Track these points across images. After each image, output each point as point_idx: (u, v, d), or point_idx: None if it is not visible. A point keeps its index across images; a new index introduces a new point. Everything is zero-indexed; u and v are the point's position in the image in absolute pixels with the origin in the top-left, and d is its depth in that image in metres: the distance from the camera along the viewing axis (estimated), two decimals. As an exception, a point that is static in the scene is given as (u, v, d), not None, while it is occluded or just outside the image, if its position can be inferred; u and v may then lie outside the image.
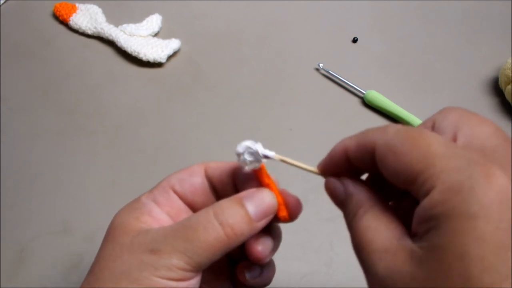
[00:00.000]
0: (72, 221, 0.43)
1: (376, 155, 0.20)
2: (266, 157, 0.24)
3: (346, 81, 0.50)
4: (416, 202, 0.18)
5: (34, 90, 0.52)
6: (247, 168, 0.24)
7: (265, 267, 0.27)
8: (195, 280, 0.23)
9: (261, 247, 0.25)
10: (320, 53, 0.54)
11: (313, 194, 0.43)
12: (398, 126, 0.20)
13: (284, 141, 0.47)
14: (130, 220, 0.25)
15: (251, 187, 0.25)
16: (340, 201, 0.23)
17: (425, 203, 0.17)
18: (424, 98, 0.50)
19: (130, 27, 0.55)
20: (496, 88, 0.50)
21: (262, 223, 0.24)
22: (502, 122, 0.48)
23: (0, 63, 0.55)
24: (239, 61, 0.54)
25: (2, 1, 0.61)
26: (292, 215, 0.26)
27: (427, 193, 0.17)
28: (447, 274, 0.16)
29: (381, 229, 0.19)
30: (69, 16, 0.57)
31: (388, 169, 0.19)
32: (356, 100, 0.50)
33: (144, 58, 0.52)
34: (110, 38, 0.54)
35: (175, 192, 0.26)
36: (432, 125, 0.22)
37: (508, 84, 0.47)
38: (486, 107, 0.49)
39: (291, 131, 0.48)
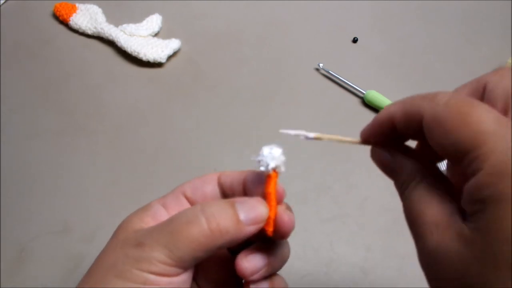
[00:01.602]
0: (72, 221, 0.43)
1: (424, 126, 0.19)
2: (305, 137, 0.24)
3: (346, 81, 0.50)
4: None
5: (34, 90, 0.52)
6: (262, 169, 0.24)
7: (274, 283, 0.26)
8: (180, 279, 0.22)
9: (247, 264, 0.24)
10: (320, 53, 0.54)
11: (313, 194, 0.43)
12: (448, 96, 0.19)
13: (284, 141, 0.47)
14: (134, 220, 0.25)
15: (258, 196, 0.24)
16: (390, 170, 0.22)
17: (472, 183, 0.17)
18: (424, 98, 0.50)
19: (130, 27, 0.55)
20: (496, 88, 0.50)
21: (250, 228, 0.23)
22: (502, 122, 0.48)
23: (0, 63, 0.55)
24: (239, 61, 0.54)
25: (2, 1, 0.61)
26: (279, 234, 0.24)
27: (474, 173, 0.17)
28: (493, 258, 0.16)
29: (434, 202, 0.19)
30: (69, 16, 0.57)
31: (436, 143, 0.19)
32: (356, 100, 0.50)
33: (144, 58, 0.52)
34: (110, 38, 0.54)
35: (186, 198, 0.26)
36: (484, 87, 0.21)
37: (508, 84, 0.47)
38: (486, 107, 0.49)
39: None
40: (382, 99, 0.48)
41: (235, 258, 0.24)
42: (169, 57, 0.54)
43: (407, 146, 0.23)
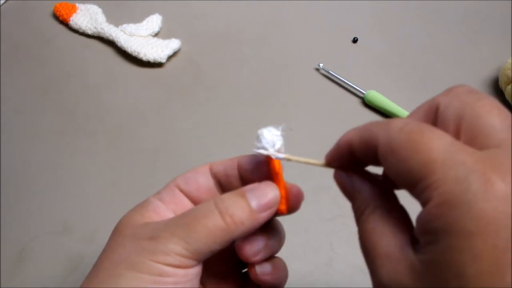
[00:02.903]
0: (72, 221, 0.43)
1: (379, 154, 0.19)
2: (276, 157, 0.25)
3: (346, 81, 0.50)
4: None
5: (34, 90, 0.52)
6: (266, 152, 0.25)
7: (275, 264, 0.27)
8: (195, 270, 0.23)
9: (248, 246, 0.24)
10: (320, 53, 0.54)
11: (313, 194, 0.43)
12: (402, 123, 0.19)
13: (284, 141, 0.47)
14: (135, 216, 0.25)
15: (257, 180, 0.25)
16: (349, 194, 0.23)
17: (423, 214, 0.17)
18: (424, 98, 0.50)
19: (130, 27, 0.55)
20: (496, 88, 0.50)
21: (264, 215, 0.23)
22: (502, 122, 0.48)
23: (0, 63, 0.55)
24: (239, 61, 0.54)
25: (2, 1, 0.61)
26: (291, 208, 0.26)
27: (425, 203, 0.17)
28: None
29: (386, 233, 0.19)
30: (69, 16, 0.57)
31: (391, 170, 0.19)
32: (356, 100, 0.50)
33: (144, 58, 0.52)
34: (110, 38, 0.54)
35: (181, 190, 0.26)
36: (436, 109, 0.21)
37: (508, 84, 0.47)
38: (486, 107, 0.49)
39: (291, 131, 0.48)
40: (382, 99, 0.48)
41: (233, 246, 0.25)
42: (169, 57, 0.54)
43: (369, 172, 0.23)
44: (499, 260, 0.15)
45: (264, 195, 0.24)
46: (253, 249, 0.24)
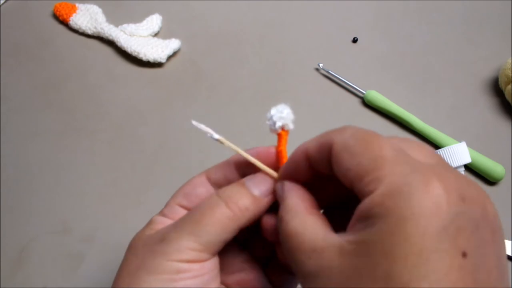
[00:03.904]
0: (72, 221, 0.43)
1: (332, 153, 0.21)
2: (211, 136, 0.26)
3: (346, 81, 0.50)
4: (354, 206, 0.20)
5: (34, 90, 0.52)
6: (272, 128, 0.26)
7: None
8: (210, 264, 0.23)
9: (269, 219, 0.25)
10: (320, 53, 0.54)
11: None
12: (355, 128, 0.21)
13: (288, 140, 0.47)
14: (143, 231, 0.26)
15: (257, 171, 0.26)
16: (279, 199, 0.24)
17: (366, 202, 0.18)
18: (424, 98, 0.50)
19: (130, 27, 0.55)
20: (496, 88, 0.50)
21: (267, 199, 0.24)
22: (502, 122, 0.48)
23: (0, 63, 0.55)
24: (239, 61, 0.54)
25: (2, 1, 0.61)
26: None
27: (370, 193, 0.18)
28: (372, 269, 0.17)
29: (307, 233, 0.20)
30: (69, 16, 0.57)
31: (341, 166, 0.20)
32: (356, 100, 0.50)
33: (144, 58, 0.52)
34: (110, 38, 0.54)
35: (183, 207, 0.27)
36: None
37: (508, 84, 0.47)
38: (486, 107, 0.49)
39: (291, 131, 0.48)
40: (382, 99, 0.48)
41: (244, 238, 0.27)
42: (169, 57, 0.54)
43: (301, 183, 0.24)
44: (426, 245, 0.16)
45: (263, 182, 0.25)
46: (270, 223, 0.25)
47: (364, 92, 0.49)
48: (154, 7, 0.59)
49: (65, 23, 0.58)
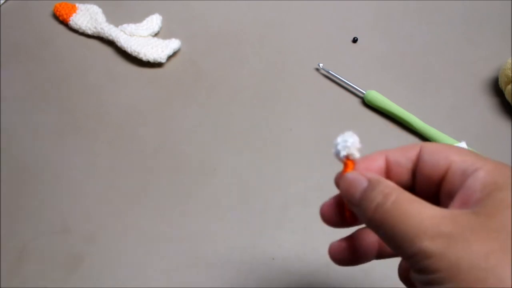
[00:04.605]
0: (72, 221, 0.43)
1: (425, 149, 0.23)
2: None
3: (346, 81, 0.50)
4: None
5: (34, 90, 0.52)
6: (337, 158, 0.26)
7: None
8: None
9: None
10: (320, 53, 0.54)
11: (314, 193, 0.43)
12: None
13: (284, 141, 0.47)
14: None
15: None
16: (361, 191, 0.22)
17: (480, 174, 0.20)
18: (424, 98, 0.50)
19: (130, 27, 0.55)
20: (496, 88, 0.50)
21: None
22: (502, 122, 0.48)
23: (0, 63, 0.55)
24: (239, 61, 0.54)
25: (2, 1, 0.61)
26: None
27: (477, 169, 0.21)
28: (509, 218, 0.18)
29: (426, 204, 0.20)
30: (69, 16, 0.57)
31: (440, 153, 0.23)
32: (356, 100, 0.50)
33: (144, 58, 0.52)
34: (110, 38, 0.54)
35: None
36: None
37: (508, 84, 0.47)
38: (486, 107, 0.49)
39: (291, 131, 0.48)
40: (382, 99, 0.48)
41: None
42: (169, 57, 0.54)
43: None
44: None
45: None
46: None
47: (364, 92, 0.49)
48: (154, 7, 0.59)
49: (65, 23, 0.58)
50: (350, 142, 0.24)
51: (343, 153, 0.25)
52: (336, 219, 0.25)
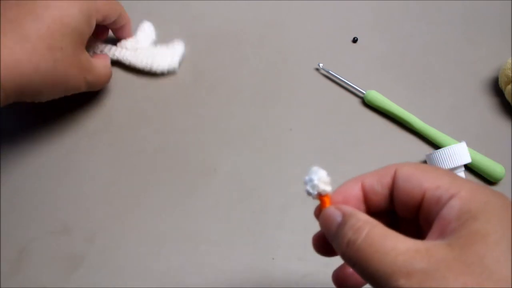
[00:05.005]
0: (72, 221, 0.43)
1: (399, 174, 0.23)
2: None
3: (346, 81, 0.50)
4: None
5: (34, 90, 0.52)
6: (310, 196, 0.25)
7: None
8: None
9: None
10: (320, 53, 0.54)
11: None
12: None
13: (284, 141, 0.47)
14: None
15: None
16: (336, 226, 0.22)
17: (455, 202, 0.20)
18: (424, 98, 0.50)
19: (130, 42, 0.52)
20: (496, 88, 0.50)
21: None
22: (502, 122, 0.48)
23: (0, 63, 0.55)
24: (239, 61, 0.54)
25: (2, 1, 0.61)
26: None
27: (452, 196, 0.21)
28: (488, 250, 0.18)
29: (399, 238, 0.20)
30: None
31: (413, 181, 0.23)
32: (356, 100, 0.50)
33: (158, 70, 0.51)
34: (115, 58, 0.52)
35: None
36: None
37: (508, 84, 0.47)
38: (486, 107, 0.49)
39: (291, 131, 0.48)
40: (382, 99, 0.48)
41: None
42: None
43: None
44: None
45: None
46: None
47: (364, 92, 0.49)
48: (154, 7, 0.58)
49: None
50: (316, 180, 0.24)
51: (313, 192, 0.25)
52: (325, 250, 0.25)
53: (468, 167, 0.45)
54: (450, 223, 0.19)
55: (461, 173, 0.43)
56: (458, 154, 0.42)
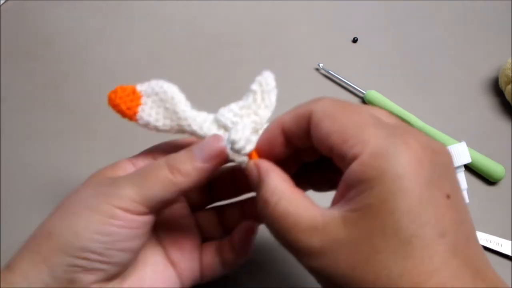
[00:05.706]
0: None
1: (312, 120, 0.22)
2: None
3: (346, 81, 0.50)
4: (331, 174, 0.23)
5: (34, 90, 0.52)
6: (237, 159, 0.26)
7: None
8: (144, 219, 0.24)
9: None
10: (320, 53, 0.54)
11: (314, 193, 0.43)
12: (332, 98, 0.22)
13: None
14: (105, 171, 0.27)
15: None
16: (255, 184, 0.24)
17: (356, 166, 0.19)
18: (424, 98, 0.50)
19: (233, 110, 0.34)
20: (496, 88, 0.50)
21: (208, 166, 0.25)
22: (502, 122, 0.48)
23: (0, 63, 0.55)
24: (239, 61, 0.54)
25: (2, 1, 0.61)
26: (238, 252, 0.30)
27: (355, 157, 0.19)
28: (381, 228, 0.18)
29: (301, 212, 0.21)
30: (135, 113, 0.32)
31: (322, 131, 0.21)
32: (356, 100, 0.50)
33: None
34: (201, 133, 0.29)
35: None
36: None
37: (508, 84, 0.47)
38: (486, 107, 0.49)
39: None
40: (382, 99, 0.48)
41: (195, 214, 0.31)
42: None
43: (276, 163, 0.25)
44: (422, 197, 0.18)
45: (207, 146, 0.25)
46: None
47: (364, 92, 0.49)
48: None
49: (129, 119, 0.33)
50: (242, 141, 0.25)
51: (238, 159, 0.25)
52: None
53: (468, 167, 0.45)
54: (350, 190, 0.20)
55: (461, 173, 0.43)
56: (458, 154, 0.42)
